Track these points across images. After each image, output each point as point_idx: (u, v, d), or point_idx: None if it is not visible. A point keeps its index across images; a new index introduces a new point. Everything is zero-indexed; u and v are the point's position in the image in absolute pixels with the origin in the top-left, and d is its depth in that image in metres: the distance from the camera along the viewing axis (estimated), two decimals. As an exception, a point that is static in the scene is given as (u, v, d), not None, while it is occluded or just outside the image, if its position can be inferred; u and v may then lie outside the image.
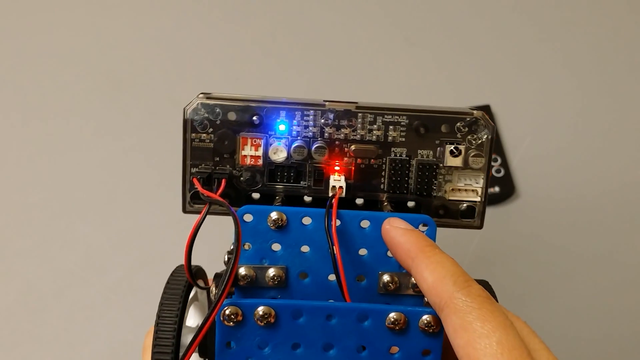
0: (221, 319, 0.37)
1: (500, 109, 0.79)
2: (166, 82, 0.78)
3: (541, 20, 0.81)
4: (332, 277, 0.40)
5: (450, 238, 0.69)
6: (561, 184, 0.78)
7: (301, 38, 0.80)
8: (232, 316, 0.37)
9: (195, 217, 0.39)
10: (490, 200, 0.77)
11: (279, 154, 0.43)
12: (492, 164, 0.77)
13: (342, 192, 0.42)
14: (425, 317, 0.37)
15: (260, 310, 0.37)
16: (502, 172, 0.77)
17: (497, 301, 0.39)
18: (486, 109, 0.78)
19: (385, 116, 0.42)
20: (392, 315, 0.38)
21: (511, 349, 0.32)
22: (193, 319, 0.46)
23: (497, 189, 0.77)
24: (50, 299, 0.74)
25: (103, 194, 0.76)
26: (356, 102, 0.42)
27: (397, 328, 0.38)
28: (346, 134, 0.43)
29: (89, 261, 0.74)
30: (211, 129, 0.42)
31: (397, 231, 0.39)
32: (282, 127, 0.43)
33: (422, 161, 0.43)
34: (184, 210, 0.44)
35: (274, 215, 0.40)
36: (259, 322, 0.37)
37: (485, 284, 0.44)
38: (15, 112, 0.77)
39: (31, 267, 0.74)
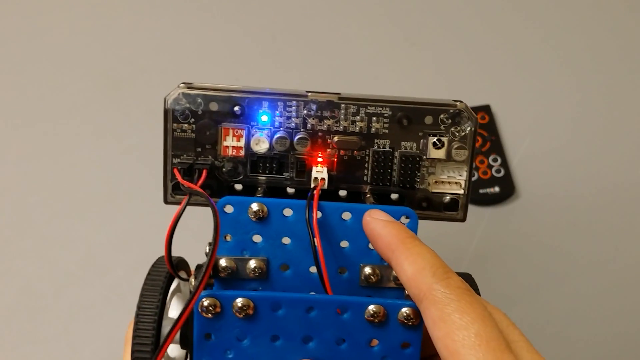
0: (199, 310, 0.37)
1: (500, 109, 0.78)
2: (165, 82, 0.78)
3: (541, 20, 0.81)
4: (313, 269, 0.40)
5: (450, 238, 0.69)
6: (561, 183, 0.77)
7: (301, 38, 0.80)
8: (211, 307, 0.37)
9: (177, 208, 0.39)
10: (490, 200, 0.76)
11: (261, 145, 0.42)
12: (492, 164, 0.77)
13: (324, 183, 0.42)
14: (404, 309, 0.37)
15: (239, 302, 0.37)
16: (502, 172, 0.77)
17: (478, 294, 0.39)
18: (486, 109, 0.78)
19: (369, 107, 0.42)
20: (372, 307, 0.37)
21: (489, 340, 0.32)
22: (176, 310, 0.46)
23: (497, 189, 0.76)
24: (50, 299, 0.74)
25: (103, 194, 0.76)
26: (339, 93, 0.42)
27: (377, 321, 0.37)
28: (329, 125, 0.42)
29: (89, 261, 0.74)
30: (193, 119, 0.42)
31: (378, 223, 0.38)
32: (264, 118, 0.42)
33: (406, 153, 0.42)
34: (165, 201, 0.44)
35: (254, 206, 0.39)
36: (237, 313, 0.37)
37: (467, 277, 0.43)
38: (15, 112, 0.77)
39: (31, 267, 0.74)
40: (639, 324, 0.75)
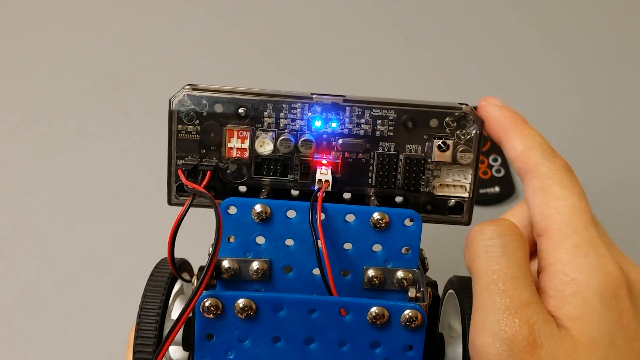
0: (200, 310, 0.37)
1: (500, 109, 0.78)
2: (166, 82, 0.78)
3: (540, 20, 0.81)
4: (316, 271, 0.40)
5: (450, 237, 0.69)
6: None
7: (301, 38, 0.80)
8: (212, 308, 0.37)
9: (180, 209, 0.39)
10: (490, 200, 0.76)
11: (265, 147, 0.42)
12: (492, 163, 0.76)
13: (328, 185, 0.42)
14: (407, 312, 0.37)
15: (241, 302, 0.37)
16: (502, 172, 0.77)
17: None
18: (486, 108, 0.78)
19: (374, 110, 0.42)
20: (374, 309, 0.37)
21: (581, 213, 0.37)
22: (178, 312, 0.46)
23: (497, 189, 0.76)
24: (50, 299, 0.73)
25: (103, 194, 0.76)
26: (344, 96, 0.42)
27: (379, 323, 0.37)
28: (334, 127, 0.42)
29: (89, 261, 0.74)
30: (197, 121, 0.42)
31: (493, 107, 0.43)
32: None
33: (410, 156, 0.42)
34: (169, 202, 0.44)
35: (258, 207, 0.39)
36: (239, 314, 0.37)
37: None
38: (16, 112, 0.77)
39: (31, 267, 0.74)
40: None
